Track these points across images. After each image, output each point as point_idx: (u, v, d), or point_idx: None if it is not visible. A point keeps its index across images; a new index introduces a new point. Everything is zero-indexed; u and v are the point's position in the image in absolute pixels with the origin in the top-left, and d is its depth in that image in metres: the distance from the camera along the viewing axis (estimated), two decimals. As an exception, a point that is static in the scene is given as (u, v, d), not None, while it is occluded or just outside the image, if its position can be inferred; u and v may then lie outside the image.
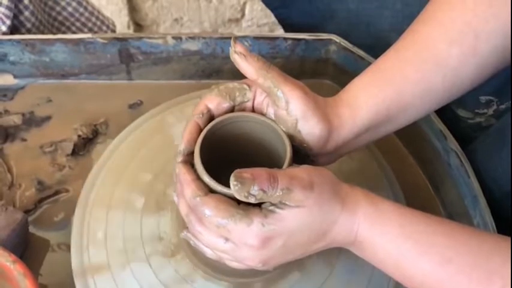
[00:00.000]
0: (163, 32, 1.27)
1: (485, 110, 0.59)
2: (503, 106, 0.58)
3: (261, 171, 0.36)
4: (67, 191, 0.55)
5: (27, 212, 0.52)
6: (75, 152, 0.57)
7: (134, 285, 0.45)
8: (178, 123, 0.55)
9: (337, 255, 0.47)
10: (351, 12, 0.63)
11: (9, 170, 0.55)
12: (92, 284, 0.45)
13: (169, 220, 0.48)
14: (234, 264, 0.40)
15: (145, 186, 0.51)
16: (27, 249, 0.50)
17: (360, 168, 0.54)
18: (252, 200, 0.36)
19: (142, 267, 0.46)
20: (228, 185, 0.37)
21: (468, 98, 0.56)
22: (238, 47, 0.40)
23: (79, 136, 0.58)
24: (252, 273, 0.45)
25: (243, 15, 1.28)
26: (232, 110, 0.43)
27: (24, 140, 0.58)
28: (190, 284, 0.45)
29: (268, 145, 0.43)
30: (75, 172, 0.56)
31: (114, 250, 0.47)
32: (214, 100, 0.42)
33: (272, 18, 0.72)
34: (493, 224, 0.48)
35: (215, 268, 0.45)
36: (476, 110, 0.59)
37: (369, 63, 0.46)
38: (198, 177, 0.39)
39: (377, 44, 0.49)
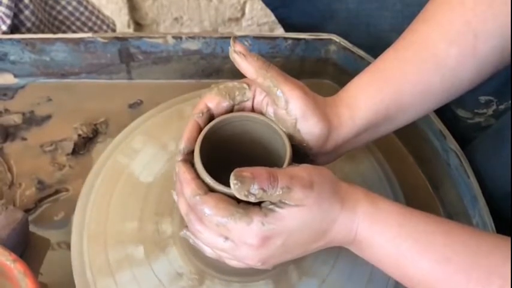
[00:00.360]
0: (163, 31, 1.27)
1: (484, 110, 0.59)
2: (502, 106, 0.58)
3: (261, 170, 0.36)
4: (67, 190, 0.55)
5: (27, 211, 0.52)
6: (75, 152, 0.57)
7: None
8: (178, 123, 0.55)
9: (337, 254, 0.47)
10: (351, 12, 0.63)
11: (10, 169, 0.55)
12: (92, 283, 0.46)
13: (169, 223, 0.48)
14: (233, 263, 0.40)
15: (146, 187, 0.51)
16: (27, 248, 0.50)
17: (359, 168, 0.54)
18: (252, 199, 0.36)
19: (144, 270, 0.46)
20: (227, 185, 0.37)
21: (468, 98, 0.56)
22: (238, 47, 0.40)
23: (79, 135, 0.58)
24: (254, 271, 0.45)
25: (243, 14, 1.28)
26: (231, 109, 0.43)
27: (24, 139, 0.58)
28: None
29: (267, 145, 0.44)
30: (75, 171, 0.56)
31: (115, 252, 0.47)
32: (214, 99, 0.42)
33: (272, 17, 0.72)
34: (492, 223, 0.48)
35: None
36: (476, 110, 0.59)
37: (369, 63, 0.46)
38: (198, 176, 0.39)
39: (377, 44, 0.49)
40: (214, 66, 0.63)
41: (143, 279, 0.45)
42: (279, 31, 1.02)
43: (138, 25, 1.27)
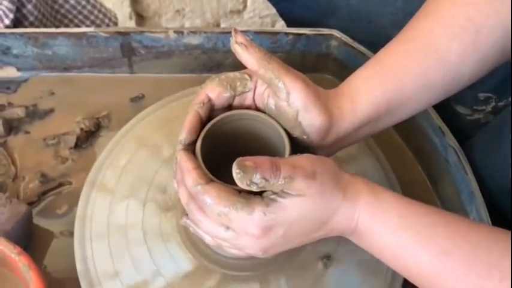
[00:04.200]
0: (165, 23, 1.27)
1: (483, 107, 0.59)
2: (501, 103, 0.59)
3: (263, 160, 0.36)
4: (70, 183, 0.55)
5: (30, 204, 0.53)
6: (77, 145, 0.58)
7: (133, 273, 0.46)
8: (180, 117, 0.55)
9: (333, 252, 0.47)
10: (352, 8, 0.63)
11: (13, 163, 0.56)
12: (93, 271, 0.46)
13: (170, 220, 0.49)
14: (234, 251, 0.41)
15: (150, 176, 0.51)
16: (31, 240, 0.51)
17: (358, 163, 0.54)
18: (254, 188, 0.36)
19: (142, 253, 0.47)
20: (228, 183, 0.38)
21: (467, 95, 0.56)
22: (239, 38, 0.40)
23: (81, 129, 0.58)
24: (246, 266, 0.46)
25: (244, 6, 1.27)
26: (232, 100, 0.43)
27: (27, 132, 0.59)
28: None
29: (268, 142, 0.44)
30: (78, 165, 0.56)
31: (116, 238, 0.48)
32: (215, 90, 0.42)
33: (274, 10, 0.72)
34: (489, 219, 0.49)
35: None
36: (475, 107, 0.59)
37: (370, 58, 0.46)
38: (199, 166, 0.39)
39: (378, 40, 0.49)
40: (215, 61, 0.63)
41: (143, 267, 0.47)
42: (281, 24, 1.02)
43: (140, 17, 1.27)
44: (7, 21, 0.61)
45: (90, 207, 0.50)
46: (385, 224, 0.38)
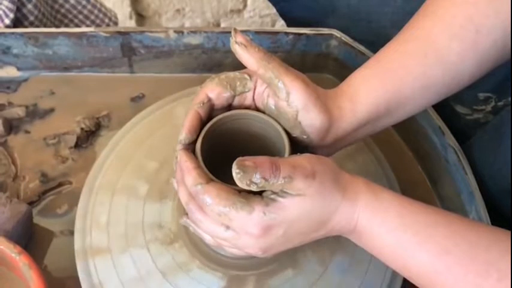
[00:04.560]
0: (165, 22, 1.27)
1: (483, 107, 0.59)
2: (501, 103, 0.59)
3: (263, 160, 0.36)
4: (70, 183, 0.55)
5: (31, 203, 0.53)
6: (78, 145, 0.58)
7: (132, 269, 0.46)
8: (182, 117, 0.55)
9: (332, 253, 0.48)
10: (352, 7, 0.63)
11: (14, 162, 0.56)
12: (93, 267, 0.47)
13: (170, 209, 0.49)
14: (234, 251, 0.41)
15: (149, 174, 0.51)
16: (31, 240, 0.51)
17: (358, 162, 0.54)
18: (254, 188, 0.36)
19: (141, 253, 0.47)
20: (228, 183, 0.38)
21: (466, 95, 0.57)
22: (239, 37, 0.40)
23: (82, 129, 0.58)
24: (247, 266, 0.46)
25: (245, 5, 1.27)
26: (232, 99, 0.43)
27: (27, 132, 0.59)
28: (186, 272, 0.46)
29: (268, 142, 0.44)
30: (78, 164, 0.57)
31: (116, 234, 0.48)
32: (214, 89, 0.42)
33: (274, 9, 0.72)
34: (488, 219, 0.49)
35: (211, 258, 0.46)
36: (475, 107, 0.60)
37: (369, 58, 0.46)
38: (199, 165, 0.39)
39: (377, 40, 0.49)
40: (215, 61, 0.63)
41: (141, 265, 0.47)
42: (281, 23, 1.02)
43: (140, 16, 1.27)
44: (7, 21, 0.61)
45: (90, 207, 0.50)
46: (385, 224, 0.38)
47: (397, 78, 0.42)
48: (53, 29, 0.60)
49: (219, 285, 0.45)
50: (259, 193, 0.38)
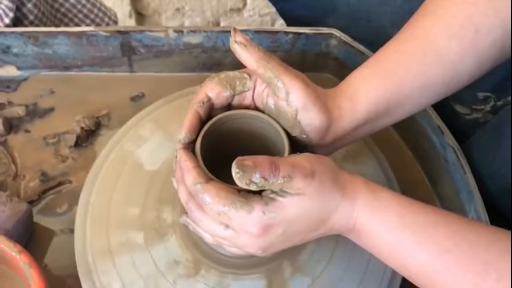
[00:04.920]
0: (165, 21, 1.27)
1: (482, 106, 0.59)
2: (500, 102, 0.59)
3: (262, 159, 0.36)
4: (70, 182, 0.56)
5: (31, 202, 0.53)
6: (78, 144, 0.58)
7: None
8: (180, 118, 0.55)
9: (331, 252, 0.48)
10: (352, 7, 0.63)
11: (14, 161, 0.56)
12: (93, 267, 0.47)
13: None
14: (233, 250, 0.41)
15: (151, 175, 0.52)
16: (31, 238, 0.51)
17: (357, 162, 0.54)
18: (253, 188, 0.36)
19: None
20: (228, 182, 0.38)
21: (466, 94, 0.57)
22: (239, 37, 0.40)
23: (82, 128, 0.58)
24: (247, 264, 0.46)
25: (244, 4, 1.27)
26: (232, 99, 0.43)
27: (27, 131, 0.59)
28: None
29: (267, 142, 0.44)
30: (78, 164, 0.57)
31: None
32: (214, 89, 0.42)
33: (274, 8, 0.72)
34: (487, 219, 0.49)
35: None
36: (474, 106, 0.60)
37: (369, 58, 0.46)
38: (199, 164, 0.40)
39: (377, 40, 0.50)
40: (215, 60, 0.63)
41: (141, 264, 0.47)
42: (281, 22, 1.02)
43: (140, 15, 1.27)
44: (7, 20, 0.61)
45: (90, 206, 0.50)
46: (384, 223, 0.38)
47: (396, 77, 0.42)
48: (53, 29, 0.60)
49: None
50: (259, 192, 0.38)
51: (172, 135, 0.54)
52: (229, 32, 0.40)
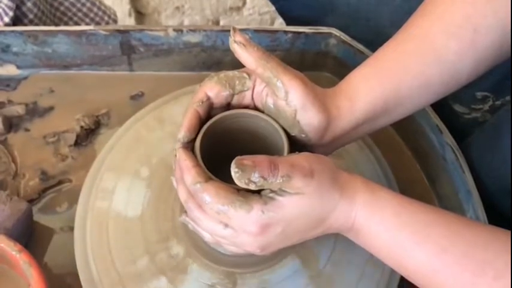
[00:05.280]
0: (165, 19, 1.27)
1: (481, 106, 0.59)
2: (498, 102, 0.59)
3: (262, 158, 0.36)
4: (70, 181, 0.56)
5: (31, 201, 0.53)
6: (77, 143, 0.58)
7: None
8: (179, 116, 0.55)
9: (330, 250, 0.48)
10: (351, 6, 0.63)
11: (14, 160, 0.56)
12: (93, 265, 0.47)
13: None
14: (232, 249, 0.41)
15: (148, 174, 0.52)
16: (31, 237, 0.51)
17: (356, 161, 0.54)
18: (252, 187, 0.36)
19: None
20: (227, 182, 0.38)
21: (465, 94, 0.57)
22: (238, 37, 0.40)
23: (81, 127, 0.59)
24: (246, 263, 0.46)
25: (244, 3, 1.27)
26: (231, 98, 0.43)
27: (27, 130, 0.59)
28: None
29: (266, 141, 0.44)
30: (78, 163, 0.57)
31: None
32: (214, 88, 0.42)
33: (273, 7, 0.72)
34: (485, 218, 0.49)
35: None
36: (473, 106, 0.60)
37: (368, 57, 0.46)
38: (198, 164, 0.40)
39: (376, 39, 0.50)
40: (214, 59, 0.63)
41: None
42: (280, 21, 1.02)
43: (139, 14, 1.27)
44: (7, 19, 0.61)
45: (90, 205, 0.50)
46: (382, 223, 0.38)
47: (395, 77, 0.42)
48: (53, 27, 0.60)
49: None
50: (258, 192, 0.38)
51: (171, 134, 0.54)
52: (229, 31, 0.40)
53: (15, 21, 0.64)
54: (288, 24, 0.71)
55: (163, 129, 0.55)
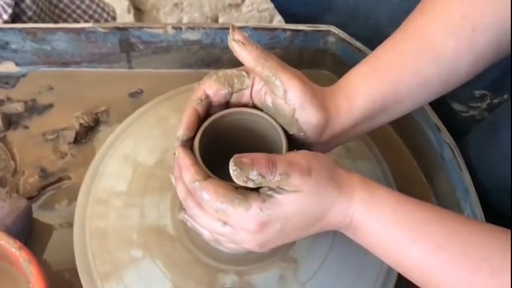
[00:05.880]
0: (163, 16, 1.27)
1: (479, 104, 0.60)
2: (496, 100, 0.59)
3: (260, 156, 0.37)
4: (69, 178, 0.56)
5: (30, 198, 0.53)
6: (77, 140, 0.58)
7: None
8: (178, 114, 0.56)
9: (327, 248, 0.48)
10: (350, 4, 0.63)
11: (13, 157, 0.56)
12: (92, 261, 0.47)
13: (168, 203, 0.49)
14: (231, 246, 0.41)
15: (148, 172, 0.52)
16: (31, 234, 0.52)
17: (354, 159, 0.55)
18: (251, 185, 0.36)
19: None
20: (226, 179, 0.38)
21: (463, 92, 0.57)
22: (237, 35, 0.40)
23: (81, 124, 0.59)
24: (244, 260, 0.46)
25: (243, 0, 1.27)
26: (230, 96, 0.43)
27: (26, 127, 0.59)
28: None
29: (265, 139, 0.44)
30: (77, 160, 0.57)
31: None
32: (212, 86, 0.42)
33: (272, 4, 0.72)
34: (483, 216, 0.49)
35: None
36: (471, 104, 0.60)
37: (367, 56, 0.46)
38: (197, 162, 0.40)
39: (375, 37, 0.50)
40: (213, 56, 0.63)
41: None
42: (279, 18, 1.02)
43: (138, 10, 1.27)
44: (5, 16, 0.61)
45: (89, 202, 0.51)
46: (380, 220, 0.38)
47: (394, 76, 0.43)
48: (51, 25, 0.60)
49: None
50: (256, 189, 0.38)
51: (170, 131, 0.54)
52: (228, 29, 0.40)
53: (14, 18, 0.64)
54: (286, 21, 0.71)
55: (162, 127, 0.55)
